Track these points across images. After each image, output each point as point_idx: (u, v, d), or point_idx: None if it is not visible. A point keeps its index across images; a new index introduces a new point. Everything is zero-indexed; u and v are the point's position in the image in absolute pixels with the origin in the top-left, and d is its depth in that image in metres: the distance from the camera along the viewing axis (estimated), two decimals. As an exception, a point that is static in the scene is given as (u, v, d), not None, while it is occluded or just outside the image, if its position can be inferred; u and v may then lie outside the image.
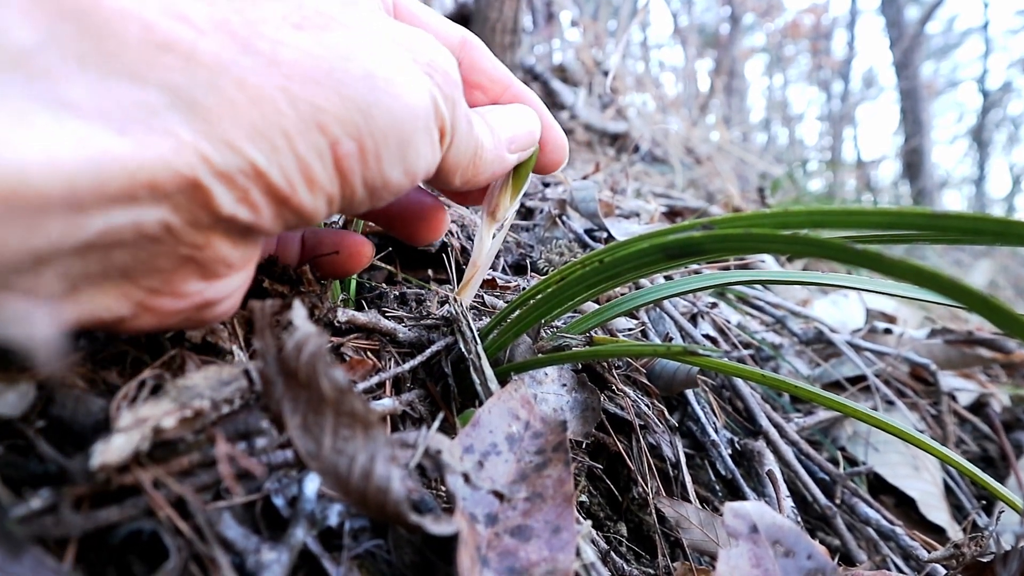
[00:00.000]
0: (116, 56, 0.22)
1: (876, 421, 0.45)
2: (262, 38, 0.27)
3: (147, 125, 0.23)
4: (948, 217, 0.29)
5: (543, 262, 0.82)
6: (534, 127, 0.47)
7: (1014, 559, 0.42)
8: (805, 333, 1.07)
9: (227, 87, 0.25)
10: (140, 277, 0.28)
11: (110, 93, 0.22)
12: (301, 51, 0.28)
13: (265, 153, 0.27)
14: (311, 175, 0.29)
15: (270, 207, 0.29)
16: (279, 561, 0.28)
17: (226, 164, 0.26)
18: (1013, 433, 1.08)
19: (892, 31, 9.46)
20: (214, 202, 0.26)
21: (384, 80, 0.30)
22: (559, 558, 0.32)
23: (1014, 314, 0.26)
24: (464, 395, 0.50)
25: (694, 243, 0.34)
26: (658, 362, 0.67)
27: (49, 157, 0.20)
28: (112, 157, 0.22)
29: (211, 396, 0.31)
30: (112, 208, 0.23)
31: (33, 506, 0.26)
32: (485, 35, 2.72)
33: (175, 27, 0.24)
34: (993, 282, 4.05)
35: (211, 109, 0.25)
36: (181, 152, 0.24)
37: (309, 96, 0.28)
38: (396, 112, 0.31)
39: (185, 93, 0.24)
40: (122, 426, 0.27)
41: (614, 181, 1.43)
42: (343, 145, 0.29)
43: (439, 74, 0.34)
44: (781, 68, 13.15)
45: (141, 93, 0.23)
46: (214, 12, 0.26)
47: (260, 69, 0.26)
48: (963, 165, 13.30)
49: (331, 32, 0.30)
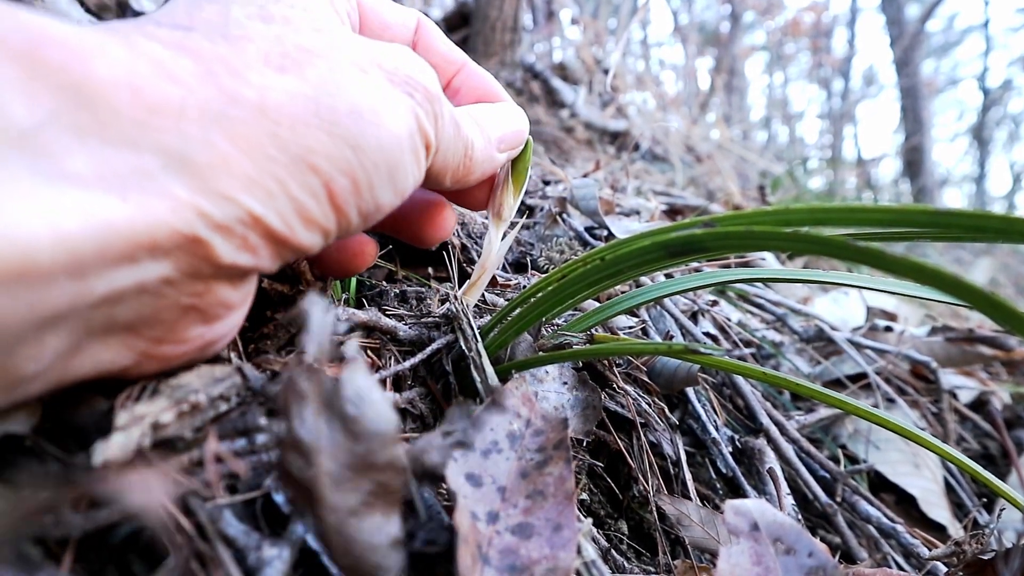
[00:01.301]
0: (110, 124, 0.23)
1: (877, 419, 0.45)
2: (248, 85, 0.27)
3: (144, 189, 0.23)
4: (950, 214, 0.28)
5: (544, 260, 0.82)
6: (521, 125, 0.48)
7: (1015, 556, 0.42)
8: (806, 331, 1.07)
9: (218, 141, 0.26)
10: (143, 329, 0.28)
11: (108, 161, 0.23)
12: (287, 93, 0.29)
13: (261, 200, 0.27)
14: (308, 214, 0.30)
15: (269, 249, 0.29)
16: (280, 557, 0.28)
17: (224, 216, 0.26)
18: (1014, 430, 1.08)
19: (892, 29, 9.44)
20: (214, 253, 0.27)
21: (370, 111, 0.31)
22: (560, 556, 0.32)
23: (1015, 311, 0.25)
24: (465, 393, 0.50)
25: (696, 241, 0.34)
26: (659, 360, 0.67)
27: (55, 232, 0.20)
28: (113, 224, 0.22)
29: (206, 392, 0.31)
30: (115, 270, 0.24)
31: (32, 505, 0.26)
32: (485, 33, 2.72)
33: (164, 88, 0.25)
34: (994, 280, 4.04)
35: (205, 165, 0.25)
36: (179, 211, 0.24)
37: (299, 139, 0.28)
38: (384, 141, 0.32)
39: (178, 152, 0.25)
40: (120, 424, 0.28)
41: (614, 179, 1.43)
42: (337, 182, 0.30)
43: (419, 91, 0.35)
44: (781, 66, 13.13)
45: (137, 158, 0.24)
46: (199, 66, 0.27)
47: (249, 118, 0.27)
48: (964, 163, 13.30)
49: (312, 67, 0.30)
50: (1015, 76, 12.26)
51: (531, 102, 2.67)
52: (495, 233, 0.51)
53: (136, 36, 0.26)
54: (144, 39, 0.26)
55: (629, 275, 0.42)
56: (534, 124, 2.46)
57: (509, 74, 2.67)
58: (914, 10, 10.61)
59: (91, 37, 0.24)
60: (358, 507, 0.28)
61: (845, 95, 12.80)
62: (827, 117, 12.74)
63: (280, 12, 0.32)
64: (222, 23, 0.29)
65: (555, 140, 2.37)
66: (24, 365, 0.23)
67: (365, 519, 0.28)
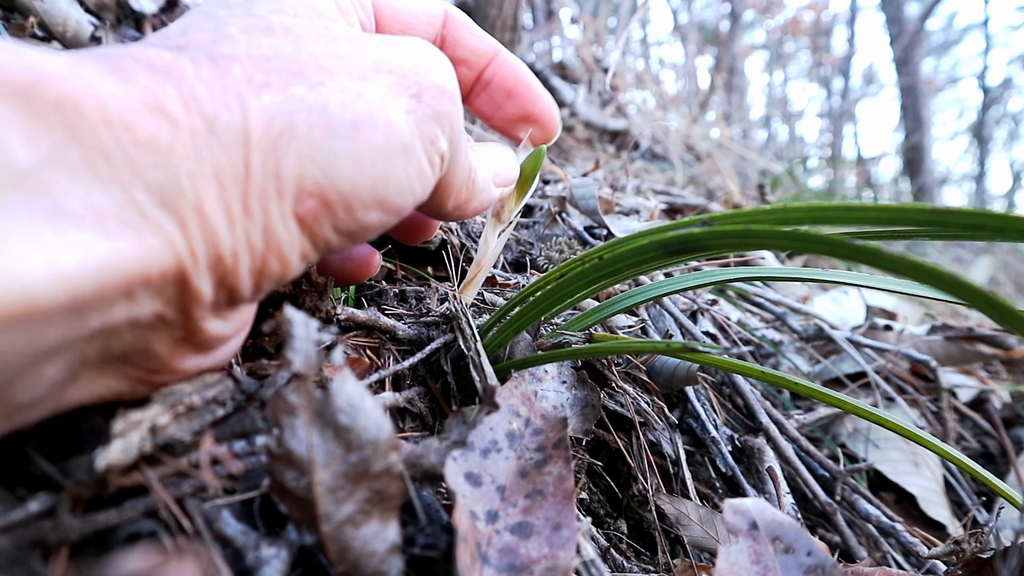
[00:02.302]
0: (103, 162, 0.23)
1: (876, 418, 0.45)
2: (227, 110, 0.27)
3: (136, 226, 0.24)
4: (948, 213, 0.28)
5: (543, 259, 0.82)
6: (514, 167, 0.48)
7: (1014, 555, 0.42)
8: (805, 330, 1.07)
9: (199, 173, 0.26)
10: (139, 360, 0.29)
11: (102, 200, 0.23)
12: (264, 112, 0.28)
13: (235, 234, 0.27)
14: (277, 242, 0.29)
15: (249, 280, 0.29)
16: (278, 557, 0.28)
17: (207, 251, 0.27)
18: (1013, 429, 1.08)
19: (892, 27, 9.43)
20: (198, 288, 0.27)
21: (350, 127, 0.30)
22: (559, 555, 0.32)
23: (1014, 309, 0.25)
24: (464, 392, 0.50)
25: (694, 239, 0.34)
26: (658, 359, 0.67)
27: (55, 271, 0.21)
28: (110, 261, 0.23)
29: (200, 395, 0.32)
30: (110, 306, 0.24)
31: (31, 509, 0.26)
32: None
33: (152, 122, 0.25)
34: (993, 278, 4.04)
35: (189, 199, 0.26)
36: (169, 248, 0.25)
37: (269, 163, 0.28)
38: (363, 157, 0.30)
39: (167, 189, 0.25)
40: (118, 431, 0.28)
41: (614, 178, 1.43)
42: (303, 203, 0.29)
43: (430, 91, 0.34)
44: (781, 65, 13.12)
45: (128, 195, 0.24)
46: (182, 93, 0.27)
47: (227, 145, 0.27)
48: (963, 161, 13.30)
49: (301, 81, 0.30)
50: (1015, 74, 12.25)
51: (531, 101, 2.66)
52: (492, 232, 0.51)
53: (128, 64, 0.26)
54: (134, 66, 0.26)
55: (628, 274, 0.42)
56: (534, 123, 2.45)
57: (509, 73, 2.67)
58: (914, 8, 10.60)
59: (86, 71, 0.25)
60: (355, 515, 0.28)
61: (845, 94, 12.79)
62: (827, 116, 12.73)
63: (283, 23, 0.31)
64: (213, 40, 0.29)
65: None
66: (22, 394, 0.24)
67: (362, 527, 0.28)
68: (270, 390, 0.35)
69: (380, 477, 0.28)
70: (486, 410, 0.35)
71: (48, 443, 0.29)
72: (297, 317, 0.28)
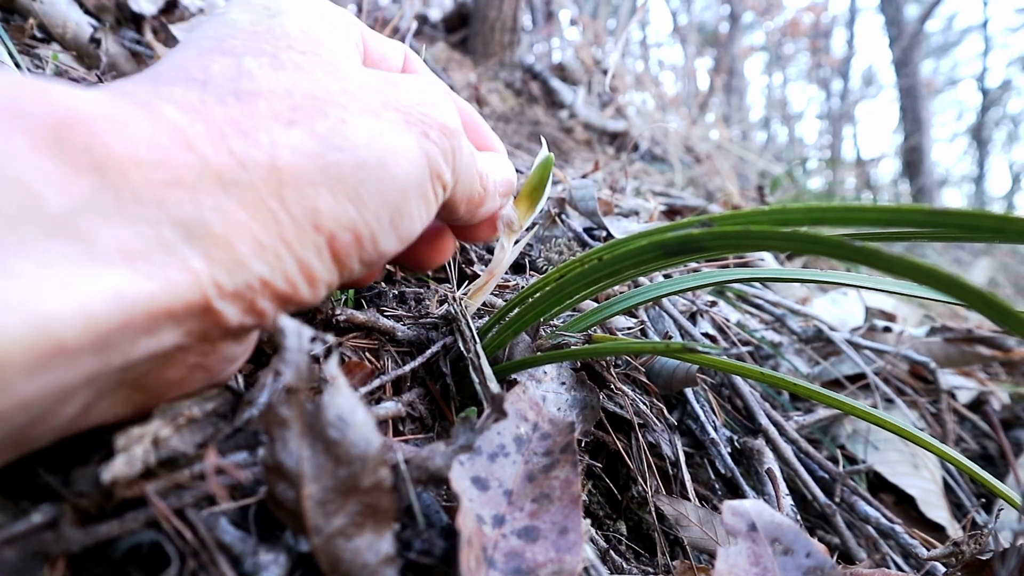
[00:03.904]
0: (132, 201, 0.24)
1: (876, 419, 0.45)
2: (257, 147, 0.28)
3: (164, 263, 0.25)
4: (946, 214, 0.28)
5: (542, 261, 0.82)
6: (512, 175, 0.50)
7: (1012, 556, 0.42)
8: (804, 331, 1.07)
9: (231, 209, 0.27)
10: (149, 385, 0.29)
11: (130, 238, 0.24)
12: (295, 151, 0.29)
13: (269, 264, 0.28)
14: (312, 272, 0.30)
15: (274, 307, 0.30)
16: (276, 562, 0.28)
17: (234, 283, 0.27)
18: (1012, 431, 1.08)
19: (891, 29, 9.45)
20: (223, 318, 0.27)
21: (376, 165, 0.31)
22: (566, 559, 0.32)
23: (1012, 310, 0.25)
24: (463, 394, 0.50)
25: (693, 240, 0.34)
26: (657, 360, 0.67)
27: (85, 313, 0.22)
28: (137, 300, 0.23)
29: (199, 408, 0.32)
30: (134, 342, 0.25)
31: (34, 521, 0.26)
32: (484, 34, 2.72)
33: (181, 159, 0.26)
34: (993, 280, 4.05)
35: (218, 234, 0.26)
36: (195, 282, 0.25)
37: (305, 199, 0.29)
38: (388, 193, 0.32)
39: (195, 224, 0.26)
40: (120, 446, 0.28)
41: (613, 179, 1.43)
42: (339, 239, 0.31)
43: (435, 129, 0.35)
44: (780, 66, 13.14)
45: (157, 232, 0.25)
46: (212, 130, 0.27)
47: (257, 182, 0.28)
48: (963, 163, 13.31)
49: (323, 118, 0.31)
50: (1014, 76, 12.27)
51: (530, 102, 2.67)
52: (507, 240, 0.52)
53: (156, 102, 0.27)
54: (163, 104, 0.27)
55: (627, 275, 0.42)
56: (533, 125, 2.46)
57: (508, 75, 2.67)
58: (913, 10, 10.62)
59: (116, 110, 0.25)
60: (346, 527, 0.28)
61: (844, 95, 12.80)
62: (826, 117, 12.74)
63: (292, 59, 0.32)
64: (234, 76, 0.30)
65: (554, 140, 2.37)
66: (39, 431, 0.25)
67: (354, 539, 0.28)
68: (263, 395, 0.35)
69: (370, 491, 0.28)
70: (494, 417, 0.35)
71: (50, 455, 0.29)
72: (291, 327, 0.28)
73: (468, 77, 2.46)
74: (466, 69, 2.61)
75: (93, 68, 0.84)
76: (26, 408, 0.22)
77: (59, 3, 0.86)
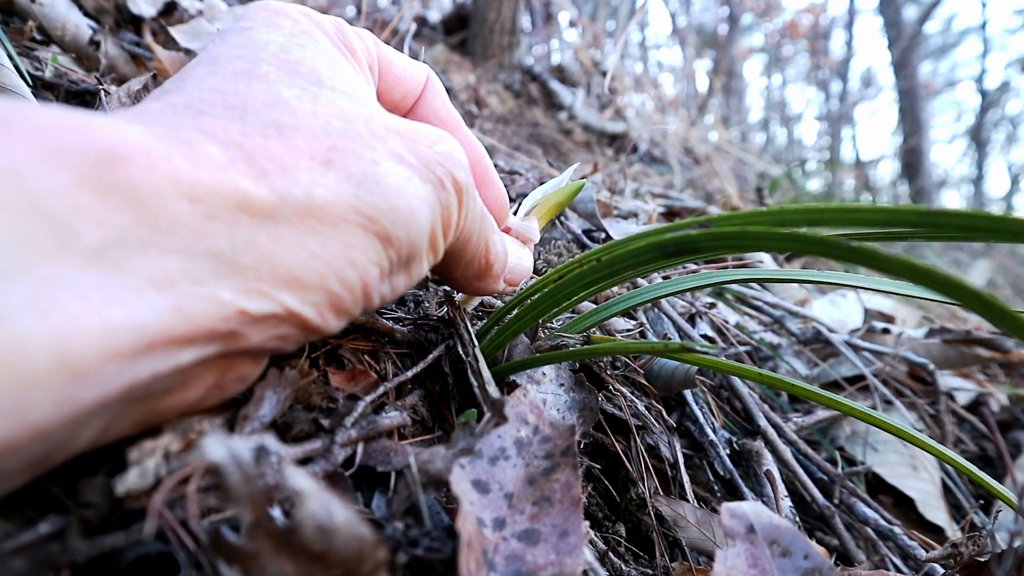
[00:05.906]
0: (170, 234, 0.25)
1: (874, 420, 0.45)
2: (297, 184, 0.29)
3: (193, 295, 0.25)
4: (943, 214, 0.29)
5: (541, 262, 0.82)
6: (529, 266, 0.51)
7: (1010, 558, 0.42)
8: (803, 333, 1.07)
9: (264, 243, 0.27)
10: (168, 408, 0.30)
11: (166, 272, 0.24)
12: (332, 191, 0.30)
13: (299, 296, 0.29)
14: (341, 305, 0.31)
15: (298, 336, 0.31)
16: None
17: (261, 312, 0.28)
18: (1012, 432, 1.08)
19: (890, 31, 9.47)
20: (246, 343, 0.28)
21: (406, 210, 0.33)
22: (566, 561, 0.32)
23: (1009, 311, 0.26)
24: (463, 395, 0.50)
25: (691, 241, 0.34)
26: (656, 362, 0.67)
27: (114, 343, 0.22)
28: (163, 329, 0.24)
29: (209, 422, 0.32)
30: (159, 366, 0.25)
31: (41, 531, 0.26)
32: (483, 35, 2.72)
33: (221, 194, 0.26)
34: (991, 281, 4.05)
35: (249, 267, 0.27)
36: (222, 312, 0.26)
37: (340, 236, 0.30)
38: (412, 236, 0.34)
39: (227, 257, 0.26)
40: (133, 459, 0.29)
41: (612, 181, 1.43)
42: (370, 274, 0.32)
43: (449, 179, 0.36)
44: (779, 68, 13.17)
45: (190, 264, 0.25)
46: (253, 167, 0.28)
47: (294, 217, 0.28)
48: (961, 164, 13.32)
49: (359, 159, 0.32)
50: (1013, 78, 12.29)
51: (529, 104, 2.67)
52: None
53: (196, 137, 0.27)
54: (204, 140, 0.27)
55: (626, 276, 0.42)
56: (532, 126, 2.47)
57: (507, 76, 2.68)
58: (912, 12, 10.64)
59: (158, 147, 0.26)
60: None
61: (843, 97, 12.83)
62: (825, 119, 12.76)
63: (325, 96, 0.33)
64: (272, 105, 0.30)
65: (553, 142, 2.37)
66: (56, 456, 0.25)
67: None
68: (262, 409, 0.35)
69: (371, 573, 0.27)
70: (494, 422, 0.35)
71: (58, 466, 0.29)
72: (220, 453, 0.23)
73: (467, 79, 2.47)
74: (465, 71, 2.61)
75: (92, 70, 0.84)
76: (46, 438, 0.22)
77: (59, 5, 0.87)
